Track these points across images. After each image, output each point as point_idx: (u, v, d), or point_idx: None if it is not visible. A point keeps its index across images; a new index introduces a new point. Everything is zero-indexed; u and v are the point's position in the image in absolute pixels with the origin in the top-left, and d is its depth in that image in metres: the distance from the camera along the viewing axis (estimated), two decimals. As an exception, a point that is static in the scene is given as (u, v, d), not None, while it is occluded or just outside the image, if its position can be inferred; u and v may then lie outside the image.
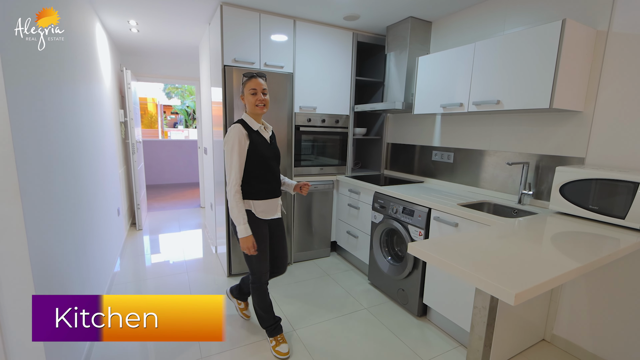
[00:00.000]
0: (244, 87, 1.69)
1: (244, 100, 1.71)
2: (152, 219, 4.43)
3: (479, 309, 1.12)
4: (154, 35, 3.44)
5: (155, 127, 13.50)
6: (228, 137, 1.63)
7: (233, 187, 1.62)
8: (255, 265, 1.77)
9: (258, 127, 1.72)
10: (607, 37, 1.69)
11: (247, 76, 1.69)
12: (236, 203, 1.63)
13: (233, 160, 1.61)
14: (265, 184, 1.73)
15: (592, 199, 1.56)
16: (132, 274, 2.81)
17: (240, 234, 1.64)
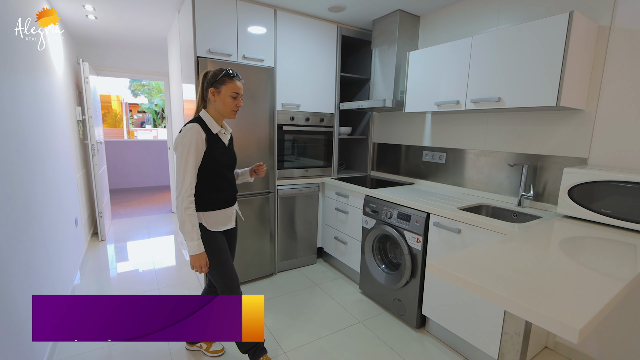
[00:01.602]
0: (222, 85, 1.46)
1: (214, 97, 1.47)
2: (117, 228, 4.02)
3: (511, 336, 0.97)
4: (115, 24, 3.08)
5: (120, 127, 12.66)
6: (183, 138, 1.40)
7: (186, 198, 1.40)
8: (225, 277, 1.56)
9: (218, 129, 1.51)
10: (610, 32, 1.62)
11: (230, 75, 1.47)
12: (189, 216, 1.41)
13: (188, 166, 1.39)
14: (219, 193, 1.54)
15: (604, 202, 1.47)
16: (93, 293, 2.47)
17: (192, 250, 1.43)
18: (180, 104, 2.94)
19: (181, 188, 1.41)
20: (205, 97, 1.50)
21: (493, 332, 1.63)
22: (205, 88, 1.49)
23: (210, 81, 1.46)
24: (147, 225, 4.16)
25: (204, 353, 1.82)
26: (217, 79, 1.45)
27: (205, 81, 1.48)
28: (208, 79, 1.47)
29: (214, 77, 1.46)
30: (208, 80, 1.47)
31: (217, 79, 1.45)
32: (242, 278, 2.58)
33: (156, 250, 3.35)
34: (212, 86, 1.46)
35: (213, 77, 1.46)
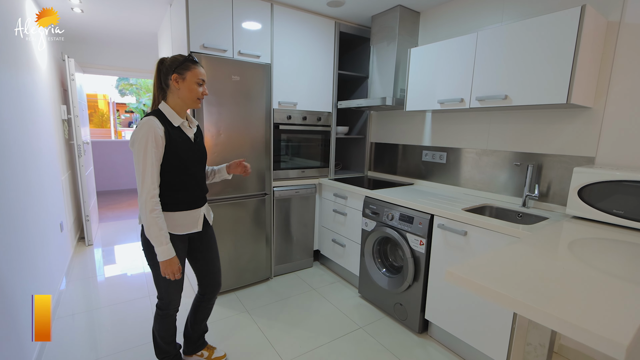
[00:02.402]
0: (186, 71, 1.32)
1: (177, 84, 1.33)
2: (105, 231, 3.87)
3: (535, 347, 0.91)
4: (103, 18, 2.94)
5: (107, 127, 12.35)
6: (138, 134, 1.25)
7: (150, 199, 1.26)
8: (166, 289, 1.44)
9: (180, 122, 1.37)
10: (619, 28, 1.58)
11: (193, 61, 1.35)
12: (155, 219, 1.27)
13: (146, 164, 1.25)
14: (184, 192, 1.40)
15: (615, 203, 1.43)
16: (79, 303, 2.33)
17: (163, 256, 1.29)
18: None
19: (142, 188, 1.26)
20: (166, 86, 1.35)
21: (500, 336, 1.57)
22: (164, 75, 1.34)
23: (170, 67, 1.32)
24: (136, 228, 4.00)
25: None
26: (180, 65, 1.32)
27: (164, 68, 1.33)
28: (167, 65, 1.33)
29: (175, 62, 1.33)
30: (167, 66, 1.33)
31: (180, 65, 1.32)
32: (237, 283, 2.49)
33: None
34: (174, 72, 1.32)
35: (174, 63, 1.32)
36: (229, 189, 2.33)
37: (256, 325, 2.07)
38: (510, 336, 1.54)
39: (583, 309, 0.71)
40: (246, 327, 2.05)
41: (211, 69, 2.14)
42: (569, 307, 0.71)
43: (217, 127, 2.22)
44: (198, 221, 1.48)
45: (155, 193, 1.28)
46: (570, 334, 0.64)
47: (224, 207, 2.33)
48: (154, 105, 1.39)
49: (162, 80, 1.35)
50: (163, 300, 1.48)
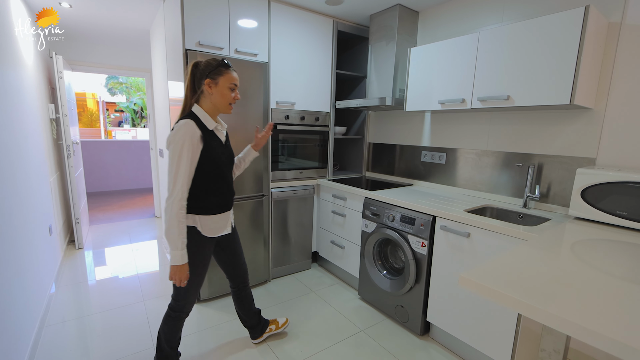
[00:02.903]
0: (219, 76, 1.34)
1: (210, 89, 1.34)
2: (96, 234, 3.76)
3: (549, 353, 0.89)
4: (93, 14, 2.85)
5: (96, 126, 12.10)
6: (176, 136, 1.26)
7: (177, 202, 1.27)
8: (184, 292, 1.44)
9: (214, 126, 1.39)
10: (620, 29, 1.58)
11: (227, 65, 1.37)
12: (178, 222, 1.28)
13: (181, 167, 1.26)
14: (217, 196, 1.42)
15: (618, 204, 1.43)
16: (70, 309, 2.25)
17: (175, 260, 1.29)
18: (165, 102, 2.75)
19: (172, 190, 1.27)
20: (198, 89, 1.35)
21: (504, 338, 1.56)
22: (197, 79, 1.34)
23: (204, 72, 1.33)
24: (129, 230, 3.91)
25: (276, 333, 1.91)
26: (214, 70, 1.33)
27: (198, 72, 1.34)
28: (201, 69, 1.34)
29: (209, 67, 1.33)
30: (201, 70, 1.33)
31: (214, 70, 1.33)
32: (234, 286, 2.43)
33: (139, 257, 3.13)
34: (207, 77, 1.33)
35: (208, 68, 1.33)
36: (226, 190, 2.28)
37: (255, 330, 2.02)
38: (514, 338, 1.53)
39: (604, 316, 0.69)
40: (244, 332, 2.00)
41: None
42: (591, 315, 0.69)
43: (214, 127, 2.16)
44: (228, 223, 1.53)
45: (184, 197, 1.29)
46: (597, 344, 0.62)
47: (220, 209, 2.27)
48: (186, 108, 1.38)
49: (195, 84, 1.36)
50: (178, 302, 1.46)
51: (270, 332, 1.90)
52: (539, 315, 0.72)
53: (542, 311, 0.70)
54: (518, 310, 0.74)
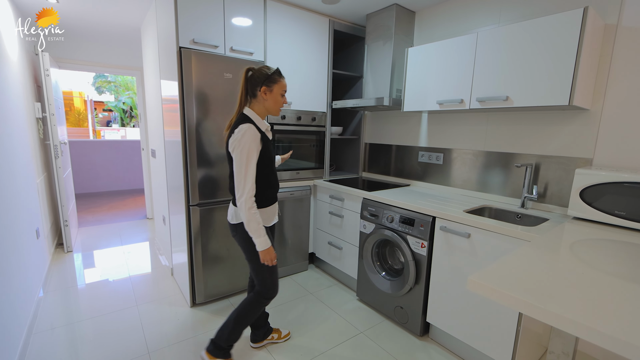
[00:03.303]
0: (274, 84, 1.50)
1: (265, 95, 1.50)
2: (85, 236, 3.66)
3: (558, 355, 0.88)
4: (81, 10, 2.76)
5: (84, 126, 11.83)
6: (243, 140, 1.40)
7: (249, 198, 1.43)
8: (271, 277, 1.62)
9: (266, 127, 1.55)
10: (617, 30, 1.60)
11: (280, 74, 1.53)
12: (254, 215, 1.45)
13: (249, 168, 1.42)
14: (272, 189, 1.60)
15: (617, 204, 1.44)
16: (59, 315, 2.17)
17: (262, 246, 1.48)
18: (157, 101, 2.68)
19: (244, 189, 1.42)
20: (252, 95, 1.52)
21: (505, 338, 1.56)
22: (252, 86, 1.50)
23: (260, 80, 1.48)
24: (120, 232, 3.82)
25: (276, 343, 1.90)
26: (269, 78, 1.48)
27: (253, 79, 1.49)
28: (257, 77, 1.49)
29: (265, 76, 1.48)
30: (256, 78, 1.49)
31: (269, 78, 1.48)
32: (231, 290, 2.39)
33: (131, 260, 3.06)
34: (263, 85, 1.48)
35: (264, 76, 1.48)
36: (222, 191, 2.24)
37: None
38: (515, 338, 1.53)
39: (612, 316, 0.68)
40: (243, 336, 1.96)
41: (202, 65, 2.03)
42: (599, 316, 0.68)
43: (209, 126, 2.12)
44: (276, 213, 1.69)
45: (253, 193, 1.44)
46: (604, 344, 0.61)
47: (217, 211, 2.23)
48: (238, 109, 1.53)
49: (248, 89, 1.51)
50: (267, 287, 1.62)
51: (272, 340, 1.90)
52: (549, 317, 0.71)
53: (553, 314, 0.69)
54: (529, 313, 0.73)
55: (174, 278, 2.68)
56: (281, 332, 1.95)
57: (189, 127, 2.05)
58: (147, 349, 1.83)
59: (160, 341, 1.90)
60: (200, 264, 2.21)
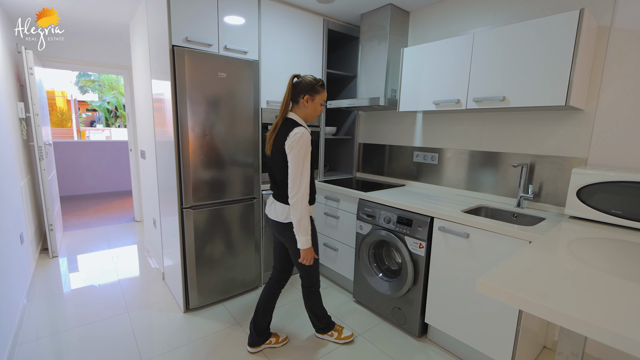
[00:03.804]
0: (316, 94, 1.63)
1: (307, 103, 1.63)
2: (71, 241, 3.54)
3: (567, 356, 0.88)
4: (66, 6, 2.66)
5: (67, 126, 11.49)
6: (301, 141, 1.52)
7: (305, 196, 1.54)
8: (314, 269, 1.77)
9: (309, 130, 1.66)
10: (610, 32, 1.63)
11: (323, 86, 1.65)
12: (307, 213, 1.56)
13: (305, 167, 1.54)
14: (313, 187, 1.70)
15: (613, 203, 1.46)
16: (45, 324, 2.08)
17: (305, 244, 1.58)
18: (147, 101, 2.61)
19: (299, 187, 1.52)
20: (295, 101, 1.64)
21: (504, 337, 1.57)
22: (296, 93, 1.61)
23: (305, 89, 1.60)
24: (107, 236, 3.71)
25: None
26: (313, 88, 1.61)
27: (298, 87, 1.61)
28: (302, 86, 1.60)
29: (310, 85, 1.60)
30: (302, 87, 1.60)
31: (313, 88, 1.61)
32: (225, 294, 2.34)
33: (120, 265, 2.97)
34: (307, 94, 1.60)
35: (309, 86, 1.60)
36: (216, 193, 2.18)
37: (250, 339, 1.95)
38: (515, 337, 1.54)
39: (623, 317, 0.68)
40: (239, 341, 1.92)
41: (196, 64, 1.98)
42: (611, 318, 0.68)
43: (203, 127, 2.07)
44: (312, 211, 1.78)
45: (307, 192, 1.55)
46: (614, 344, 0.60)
47: (210, 213, 2.17)
48: (284, 113, 1.63)
49: (293, 95, 1.62)
50: (313, 278, 1.79)
51: (270, 344, 1.88)
52: (560, 318, 0.70)
53: (565, 315, 0.68)
54: (538, 314, 0.72)
55: (166, 283, 2.61)
56: (279, 336, 1.92)
57: (182, 127, 1.99)
58: (140, 357, 1.77)
59: (153, 349, 1.84)
60: (193, 268, 2.15)
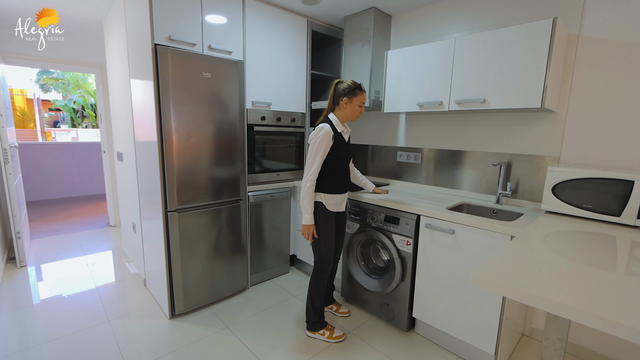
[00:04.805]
0: (354, 97, 1.80)
1: (346, 105, 1.81)
2: (40, 248, 3.33)
3: (553, 341, 0.95)
4: (39, 3, 2.50)
5: (29, 127, 10.77)
6: (318, 135, 1.75)
7: (309, 180, 1.78)
8: (323, 253, 1.91)
9: (342, 129, 1.85)
10: (578, 40, 1.76)
11: (362, 88, 1.82)
12: (308, 194, 1.79)
13: (317, 157, 1.76)
14: (336, 180, 1.86)
15: (584, 198, 1.58)
16: (13, 340, 1.95)
17: (306, 221, 1.82)
18: (125, 101, 2.51)
19: (308, 172, 1.78)
20: (336, 103, 1.84)
21: (488, 327, 1.65)
22: (337, 96, 1.82)
23: (344, 92, 1.79)
24: (80, 242, 3.52)
25: (334, 314, 2.21)
26: (352, 91, 1.79)
27: (339, 90, 1.81)
28: (342, 89, 1.80)
29: (349, 89, 1.79)
30: (342, 90, 1.80)
31: (352, 91, 1.79)
32: (212, 297, 2.30)
33: (97, 272, 2.83)
34: (346, 96, 1.79)
35: (348, 89, 1.79)
36: (201, 195, 2.14)
37: (240, 342, 1.93)
38: (498, 327, 1.62)
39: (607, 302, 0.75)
40: (230, 345, 1.89)
41: (180, 64, 1.93)
42: (600, 304, 0.75)
43: (188, 128, 2.02)
44: (343, 203, 1.96)
45: (315, 177, 1.78)
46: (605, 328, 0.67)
47: (196, 216, 2.13)
48: (327, 113, 1.88)
49: (335, 98, 1.83)
50: (322, 262, 1.92)
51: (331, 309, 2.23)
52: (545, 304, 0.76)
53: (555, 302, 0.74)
54: (529, 303, 0.78)
55: (148, 289, 2.52)
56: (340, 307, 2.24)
57: (166, 128, 1.94)
58: (126, 367, 1.71)
59: (140, 358, 1.78)
60: (179, 273, 2.09)
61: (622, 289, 0.84)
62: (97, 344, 1.88)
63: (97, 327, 2.05)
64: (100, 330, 2.02)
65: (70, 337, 1.95)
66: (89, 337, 1.95)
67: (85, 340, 1.92)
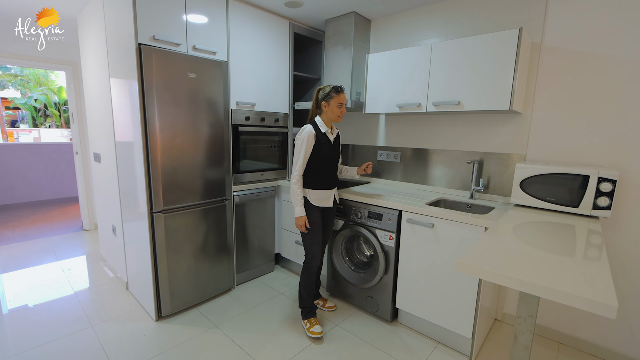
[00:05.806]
0: (330, 99, 1.93)
1: (325, 108, 1.95)
2: (8, 255, 3.16)
3: (524, 318, 1.07)
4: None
5: (-15, 126, 10.00)
6: (301, 135, 1.92)
7: (296, 175, 1.93)
8: (309, 246, 2.03)
9: (326, 129, 1.97)
10: (541, 48, 1.93)
11: (337, 90, 1.94)
12: (297, 188, 1.94)
13: (300, 155, 1.91)
14: (319, 177, 1.98)
15: (549, 192, 1.75)
16: (-7, 346, 1.87)
17: (297, 213, 1.95)
18: (104, 100, 2.45)
19: (294, 168, 1.93)
20: (319, 107, 1.98)
21: (465, 313, 1.79)
22: (319, 100, 1.97)
23: (323, 97, 1.95)
24: (53, 248, 3.37)
25: (320, 309, 2.30)
26: (328, 94, 1.93)
27: (319, 96, 1.97)
28: (321, 95, 1.96)
29: (326, 93, 1.94)
30: (321, 95, 1.96)
31: (328, 94, 1.93)
32: (199, 298, 2.30)
33: (74, 277, 2.74)
34: (324, 100, 1.94)
35: (324, 94, 1.94)
36: (188, 195, 2.14)
37: (230, 340, 1.95)
38: (475, 312, 1.76)
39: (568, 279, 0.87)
40: (220, 344, 1.92)
41: (165, 64, 1.93)
42: (559, 279, 0.87)
43: (173, 128, 2.02)
44: (329, 199, 2.05)
45: (301, 173, 1.93)
46: (565, 301, 0.78)
47: (181, 217, 2.13)
48: (311, 117, 2.03)
49: (317, 103, 1.99)
50: (308, 255, 2.05)
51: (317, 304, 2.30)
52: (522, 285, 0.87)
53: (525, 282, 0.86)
54: (504, 284, 0.89)
55: (130, 292, 2.47)
56: (326, 302, 2.31)
57: (151, 129, 1.93)
58: (115, 370, 1.69)
59: (128, 360, 1.77)
60: (165, 274, 2.09)
61: (581, 270, 0.97)
62: (82, 349, 1.85)
63: (81, 332, 2.00)
64: (84, 335, 1.98)
65: (53, 344, 1.89)
66: (72, 343, 1.90)
67: (69, 346, 1.87)
